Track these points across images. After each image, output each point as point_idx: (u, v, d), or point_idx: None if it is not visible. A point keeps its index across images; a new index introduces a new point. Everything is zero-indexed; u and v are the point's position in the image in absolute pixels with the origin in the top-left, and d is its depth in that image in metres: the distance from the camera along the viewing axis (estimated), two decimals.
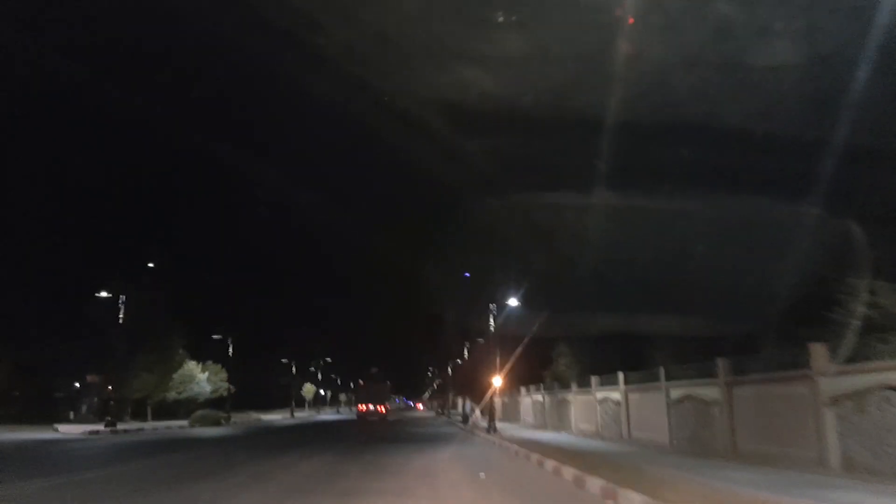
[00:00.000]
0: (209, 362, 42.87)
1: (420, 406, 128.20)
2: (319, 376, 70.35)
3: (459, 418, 39.11)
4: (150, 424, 31.33)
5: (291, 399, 56.95)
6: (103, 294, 25.73)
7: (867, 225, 12.39)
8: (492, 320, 24.83)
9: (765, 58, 11.20)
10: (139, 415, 36.08)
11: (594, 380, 25.96)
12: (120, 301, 25.76)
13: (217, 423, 33.12)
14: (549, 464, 13.42)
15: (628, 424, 21.85)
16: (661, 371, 18.93)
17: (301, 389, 73.90)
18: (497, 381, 30.06)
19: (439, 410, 68.91)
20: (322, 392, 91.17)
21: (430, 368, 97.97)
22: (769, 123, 12.32)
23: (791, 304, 14.44)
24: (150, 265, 27.13)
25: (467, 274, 31.39)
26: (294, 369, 56.77)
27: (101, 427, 24.55)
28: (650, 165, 15.05)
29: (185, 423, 32.34)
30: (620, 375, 22.54)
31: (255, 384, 79.80)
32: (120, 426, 27.28)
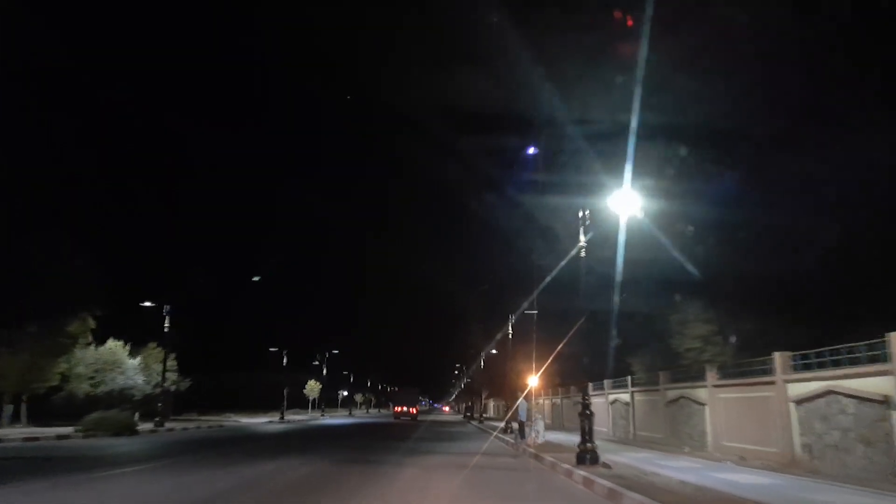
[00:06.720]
0: (153, 345, 30.61)
1: (446, 408, 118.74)
2: (325, 371, 58.28)
3: (504, 427, 26.37)
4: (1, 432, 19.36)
5: (283, 398, 44.87)
6: None
7: None
8: (582, 234, 12.44)
9: None
10: (34, 416, 24.49)
11: (780, 359, 13.37)
12: None
13: (127, 428, 21.21)
14: None
15: None
16: None
17: (304, 388, 62.25)
18: (534, 376, 19.44)
19: (467, 414, 57.28)
20: (345, 393, 79.61)
21: (458, 365, 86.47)
22: None
23: None
24: None
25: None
26: (285, 360, 44.62)
27: None
28: None
29: (73, 430, 20.45)
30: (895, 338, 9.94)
31: (246, 381, 68.59)
32: None
